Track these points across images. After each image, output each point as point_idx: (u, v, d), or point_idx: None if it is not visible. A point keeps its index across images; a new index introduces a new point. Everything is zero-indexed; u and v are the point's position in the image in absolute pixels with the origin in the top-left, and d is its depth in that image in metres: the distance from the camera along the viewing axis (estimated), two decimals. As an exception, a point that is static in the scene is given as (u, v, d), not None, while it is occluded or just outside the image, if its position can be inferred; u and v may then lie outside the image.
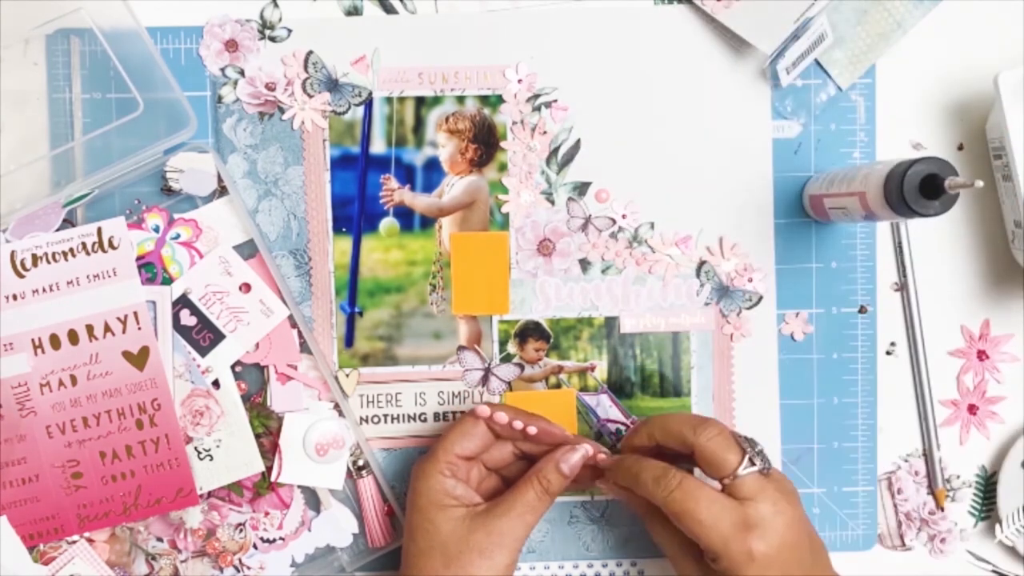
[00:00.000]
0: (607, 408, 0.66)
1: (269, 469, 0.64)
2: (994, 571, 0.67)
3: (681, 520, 0.54)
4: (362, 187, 0.65)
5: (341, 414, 0.65)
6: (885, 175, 0.54)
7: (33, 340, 0.62)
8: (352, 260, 0.66)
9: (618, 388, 0.66)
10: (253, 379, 0.65)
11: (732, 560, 0.53)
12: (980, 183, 0.50)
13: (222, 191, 0.64)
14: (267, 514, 0.65)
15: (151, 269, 0.63)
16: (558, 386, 0.66)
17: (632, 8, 0.65)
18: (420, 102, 0.65)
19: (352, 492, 0.66)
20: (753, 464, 0.54)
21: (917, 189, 0.52)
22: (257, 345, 0.64)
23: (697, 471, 0.57)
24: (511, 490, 0.57)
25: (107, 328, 0.62)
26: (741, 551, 0.52)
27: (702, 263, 0.66)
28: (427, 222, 0.66)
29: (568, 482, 0.58)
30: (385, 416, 0.66)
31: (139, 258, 0.63)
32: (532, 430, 0.58)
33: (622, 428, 0.66)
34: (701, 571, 0.56)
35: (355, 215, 0.65)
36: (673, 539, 0.57)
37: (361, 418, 0.66)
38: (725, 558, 0.53)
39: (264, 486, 0.64)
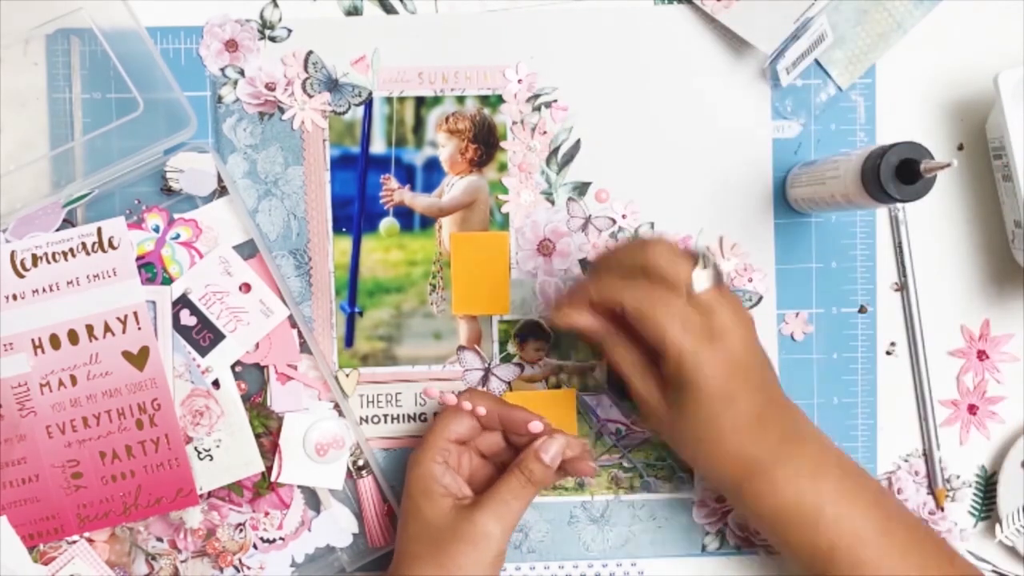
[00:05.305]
0: (607, 408, 0.66)
1: (269, 469, 0.64)
2: (994, 571, 0.67)
3: (646, 322, 0.53)
4: (362, 187, 0.65)
5: (341, 414, 0.65)
6: (862, 162, 0.54)
7: (33, 340, 0.62)
8: (352, 260, 0.66)
9: (618, 388, 0.66)
10: (253, 379, 0.65)
11: (698, 358, 0.53)
12: (955, 163, 0.51)
13: (222, 191, 0.64)
14: (267, 514, 0.65)
15: (151, 269, 0.63)
16: (558, 386, 0.66)
17: (632, 8, 0.65)
18: (420, 102, 0.65)
19: (352, 492, 0.66)
20: (706, 267, 0.54)
21: (894, 174, 0.53)
22: (257, 345, 0.64)
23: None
24: (497, 483, 0.58)
25: (107, 328, 0.62)
26: (705, 350, 0.53)
27: (702, 263, 0.66)
28: (427, 222, 0.66)
29: (551, 472, 0.57)
30: (385, 416, 0.66)
31: (139, 258, 0.63)
32: (481, 411, 0.58)
33: (622, 428, 0.66)
34: (657, 389, 0.56)
35: (355, 215, 0.65)
36: (633, 358, 0.56)
37: (361, 418, 0.66)
38: (689, 359, 0.53)
39: (264, 486, 0.64)
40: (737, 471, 0.56)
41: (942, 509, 0.66)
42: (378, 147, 0.65)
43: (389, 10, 0.65)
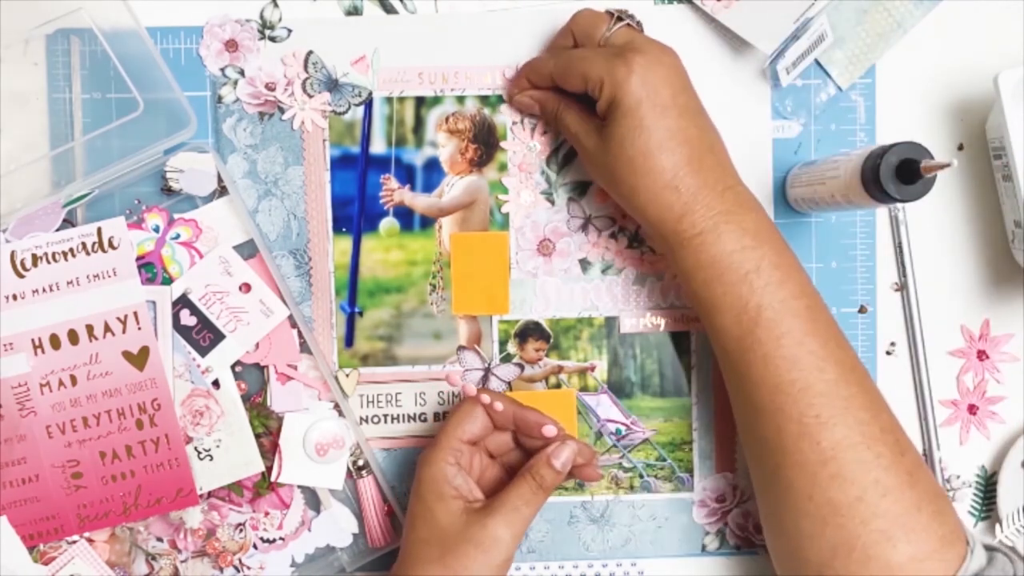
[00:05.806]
0: (607, 408, 0.66)
1: (269, 469, 0.64)
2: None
3: (571, 75, 0.59)
4: (362, 187, 0.65)
5: (341, 414, 0.65)
6: (862, 162, 0.54)
7: (33, 340, 0.62)
8: (352, 260, 0.66)
9: (618, 388, 0.66)
10: (253, 379, 0.65)
11: (615, 75, 0.56)
12: (954, 163, 0.51)
13: (222, 191, 0.64)
14: (267, 514, 0.65)
15: (151, 269, 0.63)
16: (558, 386, 0.66)
17: (632, 8, 0.65)
18: (420, 102, 0.65)
19: (352, 492, 0.66)
20: (621, 20, 0.60)
21: (893, 174, 0.53)
22: (257, 345, 0.64)
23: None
24: (507, 488, 0.57)
25: (107, 328, 0.62)
26: (620, 66, 0.56)
27: (702, 263, 0.66)
28: (427, 222, 0.66)
29: (561, 477, 0.57)
30: (385, 416, 0.66)
31: (139, 258, 0.63)
32: (498, 406, 0.58)
33: (622, 428, 0.66)
34: (597, 134, 0.59)
35: (355, 215, 0.66)
36: (576, 115, 0.61)
37: (361, 418, 0.66)
38: (608, 80, 0.57)
39: (264, 486, 0.64)
40: (676, 207, 0.57)
41: (942, 509, 0.66)
42: (378, 147, 0.66)
43: (389, 10, 0.65)
